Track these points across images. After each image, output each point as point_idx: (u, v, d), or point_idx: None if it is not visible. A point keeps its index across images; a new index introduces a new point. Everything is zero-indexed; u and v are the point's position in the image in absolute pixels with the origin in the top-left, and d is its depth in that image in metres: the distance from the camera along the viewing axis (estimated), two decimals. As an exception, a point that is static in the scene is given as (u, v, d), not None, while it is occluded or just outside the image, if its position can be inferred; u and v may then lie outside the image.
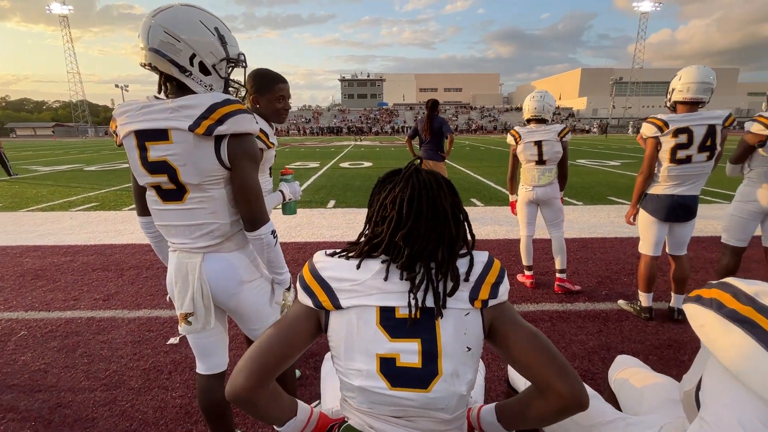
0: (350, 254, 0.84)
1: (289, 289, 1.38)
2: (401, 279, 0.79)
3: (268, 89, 1.59)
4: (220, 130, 1.07)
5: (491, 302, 0.80)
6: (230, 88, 1.27)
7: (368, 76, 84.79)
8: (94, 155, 18.96)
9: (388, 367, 0.77)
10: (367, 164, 12.92)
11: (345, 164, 12.93)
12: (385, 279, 0.79)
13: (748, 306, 0.54)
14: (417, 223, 0.78)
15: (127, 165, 13.06)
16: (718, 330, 0.55)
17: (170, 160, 1.10)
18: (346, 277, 0.80)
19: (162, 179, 1.13)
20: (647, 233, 2.57)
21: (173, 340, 2.44)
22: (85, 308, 2.91)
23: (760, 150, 2.39)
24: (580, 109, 68.70)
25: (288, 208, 1.80)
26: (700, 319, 0.58)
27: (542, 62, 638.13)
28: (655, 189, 2.47)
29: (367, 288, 0.79)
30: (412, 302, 0.77)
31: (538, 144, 2.89)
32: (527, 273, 3.22)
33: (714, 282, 0.63)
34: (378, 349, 0.77)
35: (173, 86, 1.16)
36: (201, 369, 1.35)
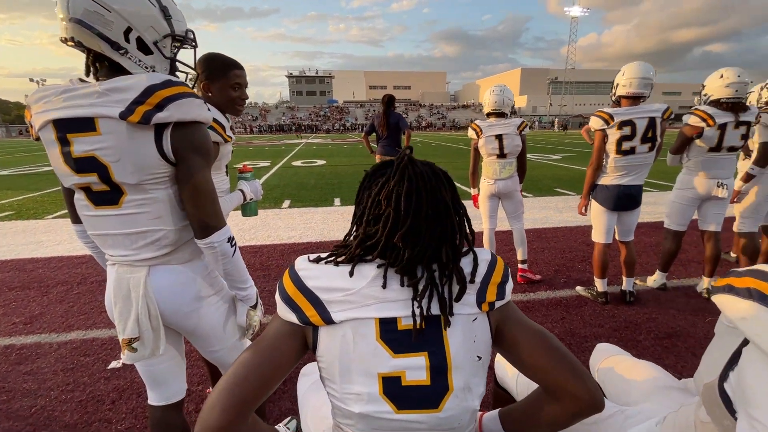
0: (339, 259, 0.73)
1: (255, 306, 1.21)
2: (402, 285, 0.69)
3: (221, 75, 1.40)
4: (161, 117, 0.89)
5: (497, 304, 0.73)
6: (178, 72, 1.08)
7: (317, 72, 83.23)
8: (7, 158, 16.73)
9: (393, 388, 0.67)
10: (320, 162, 12.63)
11: (297, 163, 12.54)
12: (384, 286, 0.69)
13: None
14: (417, 220, 0.69)
15: (48, 168, 11.63)
16: (762, 319, 0.52)
17: (99, 155, 0.91)
18: (337, 287, 0.69)
19: (91, 179, 0.94)
20: (599, 222, 2.69)
21: (115, 364, 2.15)
22: (2, 335, 2.49)
23: (697, 141, 2.58)
24: (521, 106, 72.60)
25: (249, 209, 1.63)
26: (740, 311, 0.55)
27: (485, 62, 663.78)
28: (604, 180, 2.59)
29: (362, 298, 0.68)
30: (417, 311, 0.68)
31: (499, 138, 2.91)
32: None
33: (741, 270, 0.61)
34: (380, 368, 0.67)
35: (105, 68, 0.96)
36: (153, 400, 1.16)
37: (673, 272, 3.27)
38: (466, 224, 0.76)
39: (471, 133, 3.07)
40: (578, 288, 2.97)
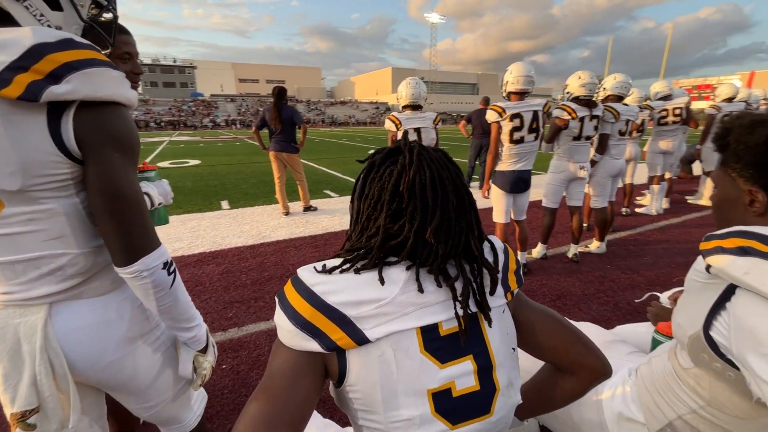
0: (359, 265, 0.61)
1: (205, 350, 0.94)
2: (439, 286, 0.61)
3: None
4: (57, 92, 0.62)
5: (515, 291, 0.71)
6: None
7: (174, 61, 73.44)
8: None
9: (445, 402, 0.59)
10: (194, 162, 11.19)
11: (165, 164, 10.87)
12: (421, 290, 0.60)
13: None
14: (445, 212, 0.62)
15: None
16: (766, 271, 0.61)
17: None
18: (366, 298, 0.58)
19: None
20: (498, 204, 3.01)
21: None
22: None
23: (564, 131, 3.09)
24: (394, 103, 77.15)
25: (158, 216, 1.30)
26: (741, 267, 0.64)
27: (357, 59, 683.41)
28: (501, 166, 2.91)
29: (399, 307, 0.58)
30: (460, 312, 0.61)
31: (418, 131, 2.99)
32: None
33: (721, 233, 0.71)
34: (429, 384, 0.59)
35: None
36: None
37: (549, 243, 3.87)
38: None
39: (389, 125, 3.07)
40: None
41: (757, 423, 0.69)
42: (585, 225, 4.27)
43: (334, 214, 5.14)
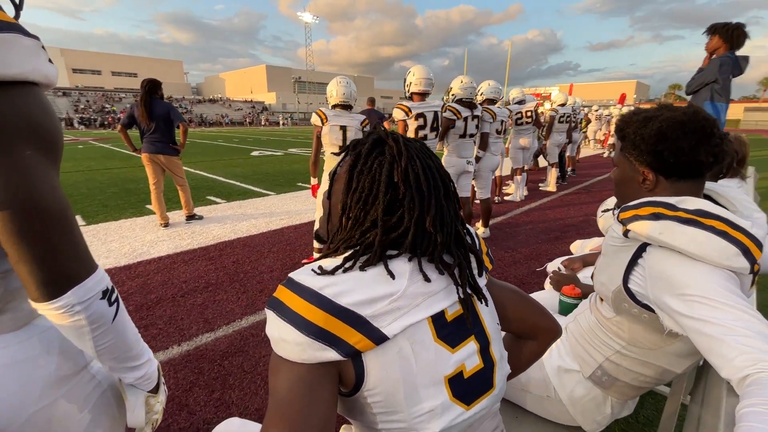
0: (362, 262, 0.58)
1: (157, 388, 0.77)
2: (441, 273, 0.62)
3: None
4: None
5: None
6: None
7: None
8: None
9: (459, 386, 0.60)
10: (19, 171, 8.84)
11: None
12: (427, 279, 0.59)
13: (679, 212, 0.79)
14: (439, 200, 0.63)
15: None
16: (678, 231, 0.77)
17: None
18: (379, 295, 0.55)
19: None
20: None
21: None
22: None
23: (452, 130, 3.41)
24: (271, 103, 73.88)
25: None
26: (657, 228, 0.80)
27: (225, 54, 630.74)
28: (406, 162, 3.09)
29: (410, 299, 0.57)
30: (462, 295, 0.62)
31: (344, 129, 2.90)
32: (317, 256, 3.26)
33: (633, 204, 0.87)
34: (445, 370, 0.59)
35: None
36: None
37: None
38: None
39: (315, 119, 2.90)
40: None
41: (664, 351, 0.89)
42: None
43: (225, 222, 4.68)
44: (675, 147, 0.82)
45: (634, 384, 0.97)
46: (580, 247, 2.41)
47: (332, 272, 0.56)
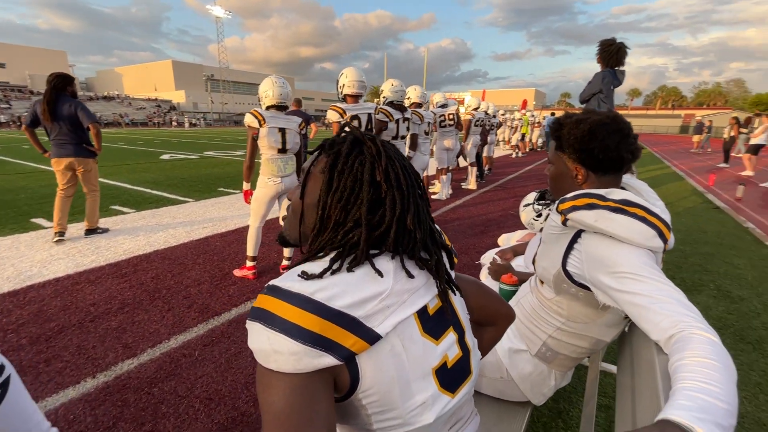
0: (348, 262, 0.57)
1: None
2: (421, 269, 0.64)
3: None
4: None
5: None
6: None
7: None
8: None
9: (444, 375, 0.63)
10: None
11: None
12: (411, 276, 0.61)
13: (608, 202, 0.91)
14: (416, 198, 0.65)
15: None
16: (609, 218, 0.89)
17: None
18: (369, 295, 0.55)
19: None
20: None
21: None
22: None
23: (384, 132, 3.49)
24: (180, 102, 67.76)
25: None
26: (591, 216, 0.91)
27: (121, 46, 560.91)
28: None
29: (397, 296, 0.58)
30: (441, 288, 0.65)
31: (282, 132, 2.74)
32: (250, 264, 3.08)
33: (570, 196, 0.98)
34: (432, 362, 0.61)
35: None
36: None
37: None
38: None
39: (250, 120, 2.70)
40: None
41: (597, 323, 1.03)
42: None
43: (137, 233, 4.19)
44: (603, 145, 0.96)
45: (573, 356, 1.10)
46: (506, 239, 2.64)
47: (320, 275, 0.55)
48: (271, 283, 0.55)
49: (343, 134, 0.68)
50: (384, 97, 3.54)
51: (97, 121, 3.66)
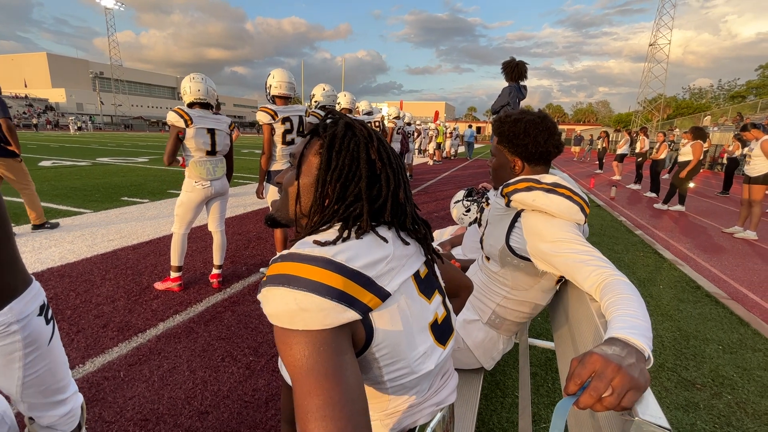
0: (355, 231, 0.63)
1: (79, 428, 0.63)
2: (414, 238, 0.72)
3: None
4: None
5: None
6: None
7: None
8: None
9: (437, 330, 0.71)
10: None
11: None
12: (406, 243, 0.68)
13: (542, 185, 1.08)
14: (404, 176, 0.73)
15: None
16: (544, 197, 1.05)
17: None
18: (378, 258, 0.61)
19: None
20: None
21: None
22: None
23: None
24: (60, 101, 58.32)
25: None
26: (530, 197, 1.07)
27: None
28: (275, 166, 3.00)
29: (398, 260, 0.65)
30: (429, 256, 0.74)
31: (212, 132, 2.54)
32: (175, 275, 2.83)
33: (512, 181, 1.14)
34: (428, 318, 0.69)
35: None
36: None
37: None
38: None
39: (174, 118, 2.46)
40: (262, 269, 3.26)
41: (535, 289, 1.21)
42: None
43: (22, 250, 3.54)
44: (535, 140, 1.15)
45: (517, 321, 1.28)
46: (439, 234, 2.84)
47: (334, 242, 0.59)
48: (285, 252, 0.58)
49: (331, 119, 0.73)
50: (316, 101, 3.55)
51: (8, 117, 3.47)
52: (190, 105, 2.63)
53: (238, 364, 2.03)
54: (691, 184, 7.59)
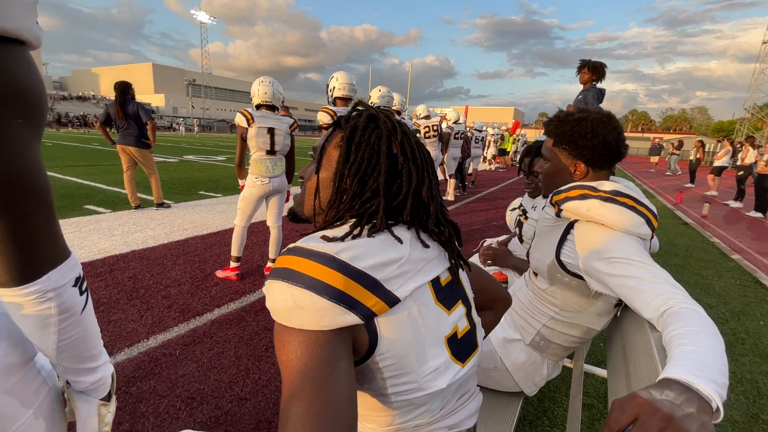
0: (368, 229, 0.59)
1: (110, 396, 0.65)
2: (435, 240, 0.66)
3: None
4: None
5: None
6: None
7: None
8: None
9: (455, 345, 0.64)
10: None
11: None
12: (426, 246, 0.62)
13: (600, 192, 0.96)
14: (429, 173, 0.67)
15: None
16: (601, 207, 0.93)
17: None
18: (389, 259, 0.56)
19: None
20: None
21: None
22: None
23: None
24: (159, 106, 66.29)
25: None
26: (585, 206, 0.95)
27: (97, 47, 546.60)
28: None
29: (414, 263, 0.59)
30: (453, 261, 0.67)
31: (271, 132, 2.72)
32: (234, 265, 3.02)
33: (564, 188, 1.02)
34: (445, 330, 0.62)
35: None
36: None
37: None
38: None
39: (240, 119, 2.69)
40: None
41: (589, 311, 1.06)
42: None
43: (113, 233, 4.04)
44: (605, 141, 1.01)
45: (565, 345, 1.13)
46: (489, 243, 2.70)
47: (342, 239, 0.55)
48: (292, 245, 0.55)
49: (356, 111, 0.70)
50: (372, 103, 3.58)
51: (153, 119, 4.89)
52: (258, 107, 2.80)
53: (279, 355, 2.09)
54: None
